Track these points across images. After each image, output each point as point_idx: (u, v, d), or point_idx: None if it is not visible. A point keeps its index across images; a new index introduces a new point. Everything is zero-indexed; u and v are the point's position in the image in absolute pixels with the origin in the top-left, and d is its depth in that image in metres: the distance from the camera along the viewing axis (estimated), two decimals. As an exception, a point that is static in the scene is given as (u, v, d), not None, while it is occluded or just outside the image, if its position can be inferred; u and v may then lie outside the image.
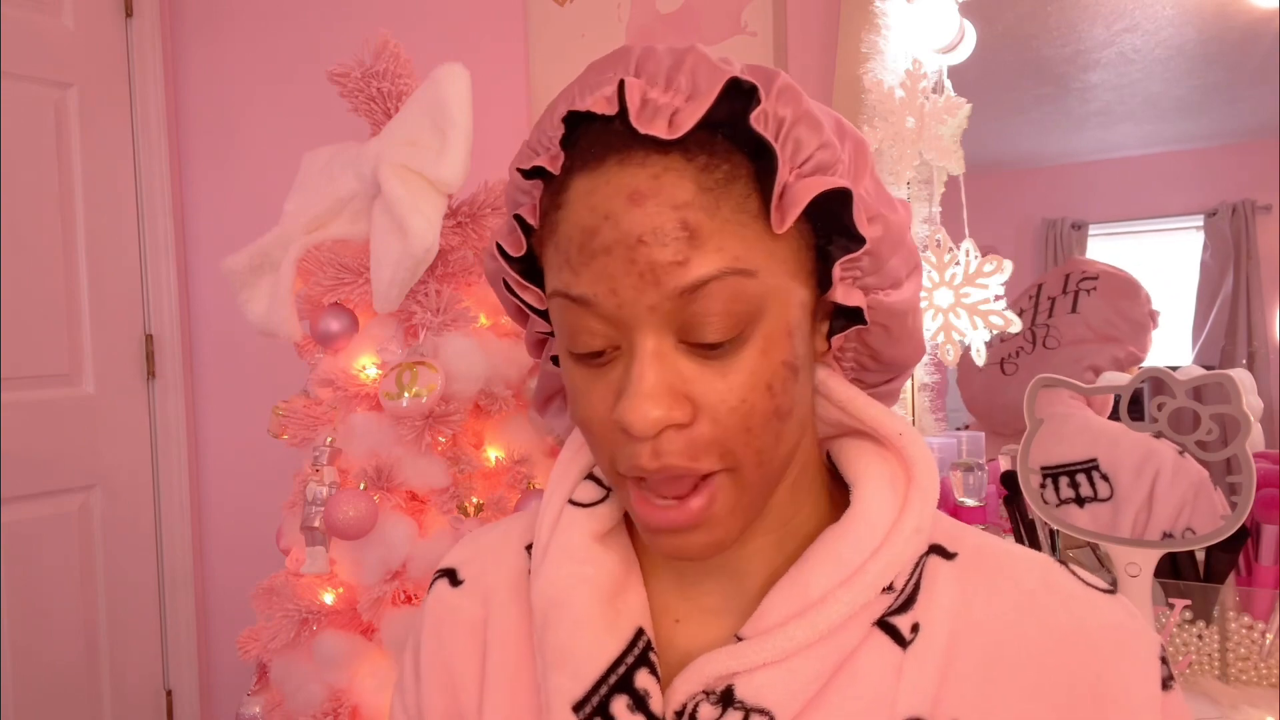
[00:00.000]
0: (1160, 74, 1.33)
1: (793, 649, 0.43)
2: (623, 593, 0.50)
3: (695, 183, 0.40)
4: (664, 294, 0.40)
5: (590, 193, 0.42)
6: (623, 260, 0.41)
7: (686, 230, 0.40)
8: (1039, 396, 1.04)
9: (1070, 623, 0.45)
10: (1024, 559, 0.48)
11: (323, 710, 1.28)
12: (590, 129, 0.43)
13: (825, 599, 0.44)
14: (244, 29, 2.00)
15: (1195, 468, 1.03)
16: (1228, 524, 0.95)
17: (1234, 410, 0.92)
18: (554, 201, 0.44)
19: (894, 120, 1.25)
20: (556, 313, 0.45)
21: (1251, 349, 1.31)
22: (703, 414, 0.42)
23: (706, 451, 0.42)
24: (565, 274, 0.43)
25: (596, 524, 0.51)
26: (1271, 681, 1.03)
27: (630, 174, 0.41)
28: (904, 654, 0.44)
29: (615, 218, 0.41)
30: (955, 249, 1.24)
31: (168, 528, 2.06)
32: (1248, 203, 1.30)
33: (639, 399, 0.41)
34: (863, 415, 0.50)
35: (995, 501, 1.25)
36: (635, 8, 1.60)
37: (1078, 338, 1.32)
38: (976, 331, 1.23)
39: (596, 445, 0.45)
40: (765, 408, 0.42)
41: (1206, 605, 1.06)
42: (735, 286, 0.41)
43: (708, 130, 0.41)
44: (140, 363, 2.02)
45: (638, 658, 0.47)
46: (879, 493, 0.47)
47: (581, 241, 0.42)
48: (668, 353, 0.42)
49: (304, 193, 1.39)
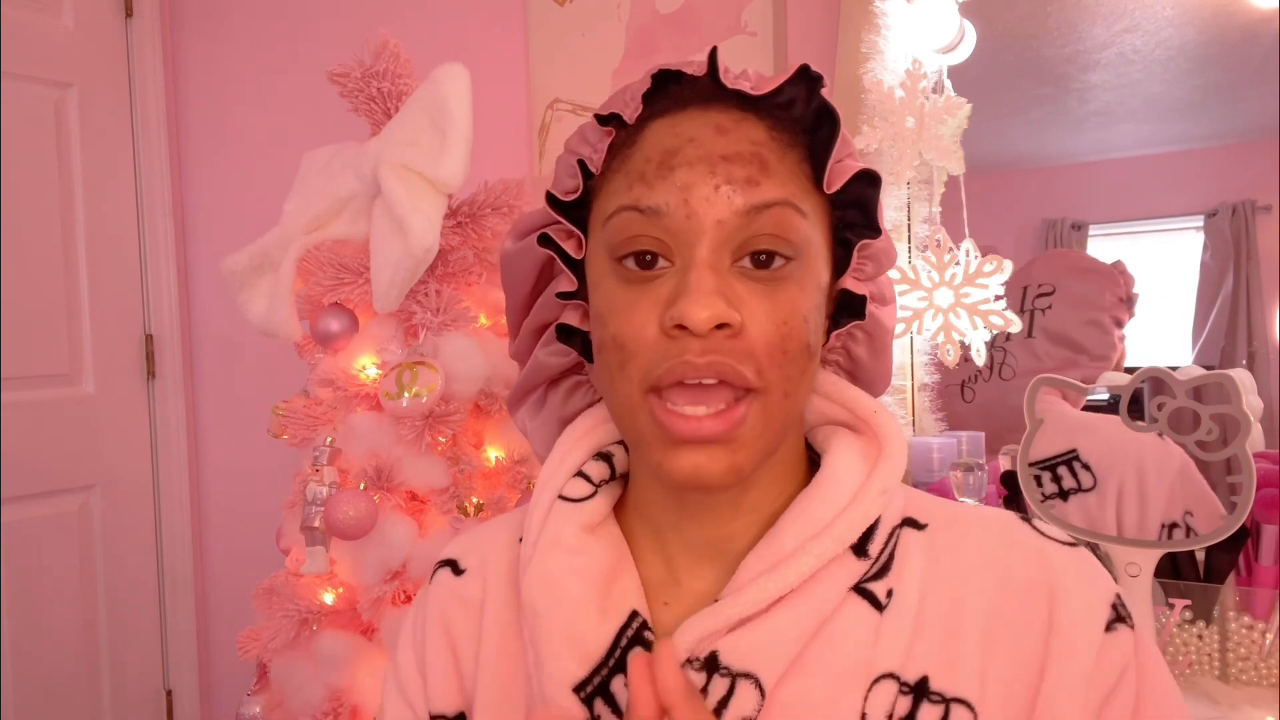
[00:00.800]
0: (1160, 74, 1.33)
1: (765, 600, 0.46)
2: (615, 579, 0.52)
3: (767, 133, 0.47)
4: (733, 209, 0.45)
5: (674, 124, 0.47)
6: (704, 172, 0.45)
7: (760, 160, 0.46)
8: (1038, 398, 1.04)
9: (1026, 573, 0.48)
10: (988, 518, 0.51)
11: (323, 710, 1.28)
12: (674, 88, 0.48)
13: (795, 553, 0.47)
14: (244, 29, 2.00)
15: (1176, 451, 1.03)
16: (1228, 524, 0.95)
17: (1234, 410, 0.92)
18: (628, 140, 0.49)
19: (894, 120, 1.25)
20: (614, 229, 0.47)
21: (1251, 349, 1.31)
22: (749, 326, 0.45)
23: (749, 359, 0.45)
24: (638, 189, 0.46)
25: (586, 517, 0.53)
26: (1271, 681, 1.03)
27: (714, 114, 0.47)
28: (880, 617, 0.47)
29: (700, 140, 0.46)
30: (955, 249, 1.24)
31: (168, 528, 2.06)
32: (1248, 203, 1.30)
33: (699, 295, 0.43)
34: (844, 396, 0.54)
35: (995, 501, 1.25)
36: (635, 8, 1.60)
37: (1031, 368, 1.34)
38: (976, 331, 1.23)
39: (628, 361, 0.46)
40: (801, 337, 0.46)
41: (1206, 605, 1.06)
42: (791, 218, 0.46)
43: (775, 106, 0.48)
44: (140, 363, 2.02)
45: (632, 638, 0.49)
46: (848, 459, 0.50)
47: (662, 159, 0.46)
48: (723, 268, 0.45)
49: (304, 193, 1.39)
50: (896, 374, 1.32)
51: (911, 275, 1.26)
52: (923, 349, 1.33)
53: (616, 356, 0.47)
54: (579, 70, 1.65)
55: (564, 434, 0.57)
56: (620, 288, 0.47)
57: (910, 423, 1.34)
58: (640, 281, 0.47)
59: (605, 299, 0.48)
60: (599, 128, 0.50)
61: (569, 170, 0.51)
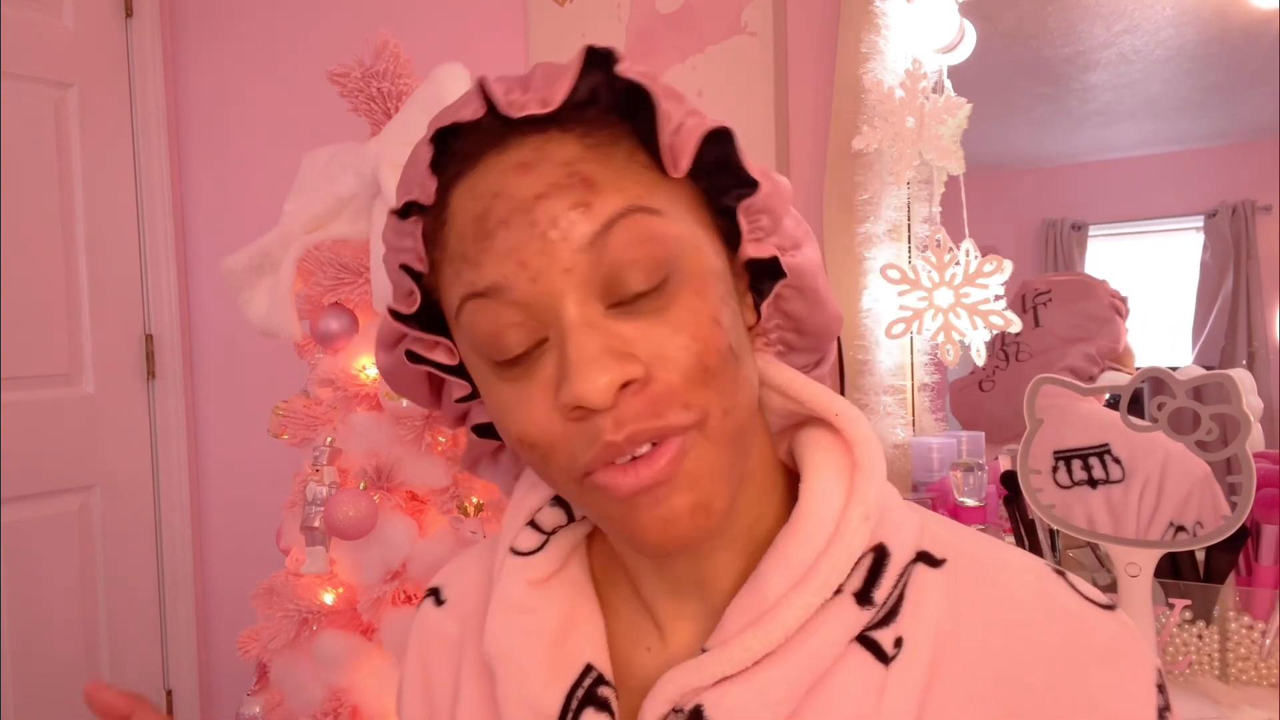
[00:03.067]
0: (1160, 74, 1.33)
1: (751, 658, 0.41)
2: (569, 634, 0.48)
3: (579, 144, 0.40)
4: (574, 249, 0.38)
5: (473, 186, 0.41)
6: (523, 226, 0.39)
7: (581, 179, 0.39)
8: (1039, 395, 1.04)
9: (1060, 643, 0.41)
10: (1018, 568, 0.44)
11: (323, 710, 1.28)
12: (458, 145, 0.42)
13: (778, 604, 0.42)
14: (244, 29, 2.00)
15: (1202, 464, 1.04)
16: (1228, 524, 0.95)
17: (1234, 410, 0.91)
18: (437, 222, 0.42)
19: (894, 120, 1.25)
20: (468, 324, 0.41)
21: (1251, 349, 1.31)
22: (656, 367, 0.39)
23: (669, 404, 0.39)
24: (466, 273, 0.40)
25: (534, 572, 0.49)
26: (1271, 681, 1.03)
27: (511, 154, 0.40)
28: (886, 671, 0.41)
29: (505, 191, 0.39)
30: (955, 249, 1.24)
31: (168, 528, 2.06)
32: (1248, 203, 1.30)
33: (584, 366, 0.38)
34: (801, 395, 0.47)
35: (995, 501, 1.25)
36: (635, 8, 1.60)
37: (1046, 346, 1.34)
38: (976, 331, 1.23)
39: (547, 457, 0.41)
40: (719, 343, 0.40)
41: (1206, 605, 1.06)
42: (644, 226, 0.39)
43: (577, 108, 0.41)
44: (140, 363, 2.02)
45: (583, 699, 0.45)
46: (824, 485, 0.44)
47: (475, 229, 0.40)
48: (598, 319, 0.39)
49: (304, 193, 1.39)
50: (896, 374, 1.32)
51: (911, 275, 1.26)
52: (923, 349, 1.33)
53: (532, 454, 0.42)
54: (579, 70, 1.66)
55: (519, 482, 0.53)
56: (505, 386, 0.41)
57: (910, 423, 1.34)
58: (522, 374, 0.41)
59: (496, 402, 0.43)
60: (404, 221, 0.43)
61: (398, 276, 0.44)
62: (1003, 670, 0.41)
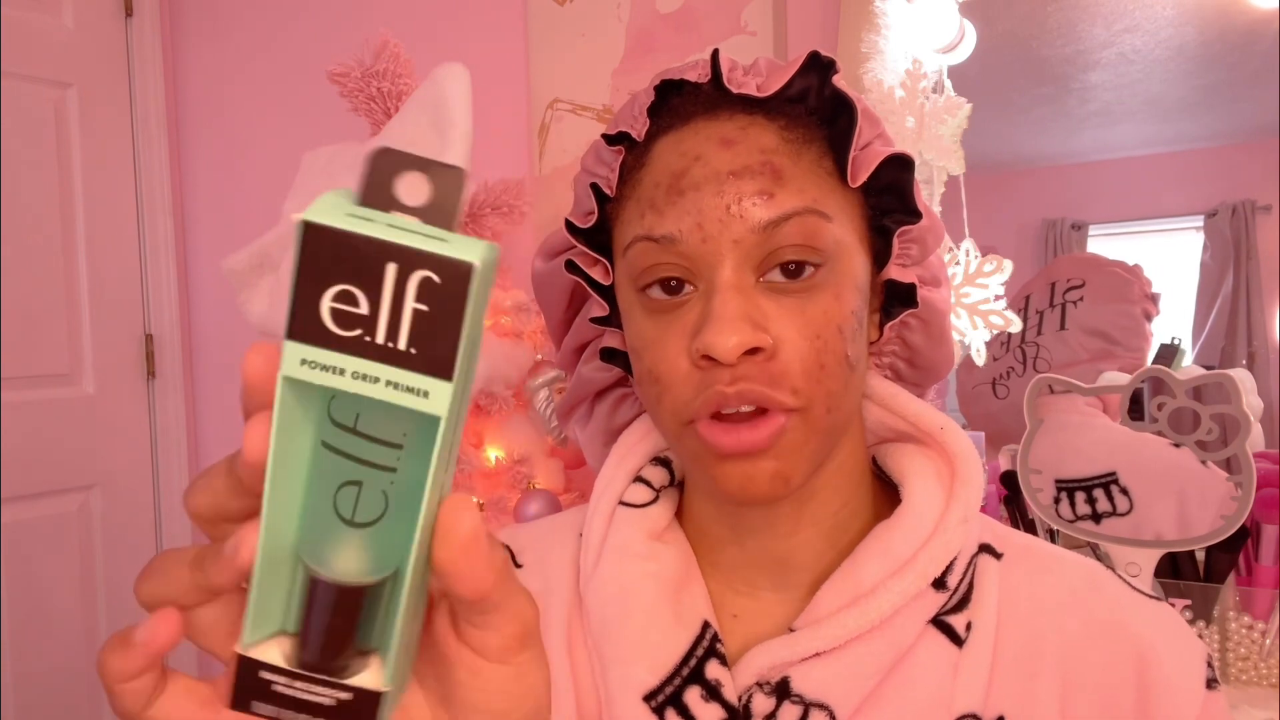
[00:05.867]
0: (1160, 74, 1.33)
1: (845, 637, 0.44)
2: (685, 587, 0.50)
3: (778, 135, 0.44)
4: (749, 227, 0.43)
5: (679, 142, 0.45)
6: (712, 194, 0.43)
7: (772, 169, 0.43)
8: (1045, 402, 1.04)
9: (1113, 619, 0.46)
10: (1071, 560, 0.49)
11: (323, 710, 1.28)
12: (678, 100, 0.46)
13: (876, 590, 0.45)
14: (244, 29, 2.00)
15: (1219, 477, 1.00)
16: (1228, 524, 0.95)
17: (1234, 410, 0.92)
18: (637, 162, 0.47)
19: (894, 120, 1.25)
20: (633, 260, 0.45)
21: (1251, 349, 1.31)
22: (781, 346, 0.43)
23: (783, 383, 0.43)
24: (650, 217, 0.45)
25: (651, 523, 0.52)
26: (1271, 681, 1.03)
27: (719, 125, 0.45)
28: (960, 653, 0.45)
29: (706, 158, 0.44)
30: (955, 249, 1.24)
31: (168, 528, 2.06)
32: (1248, 203, 1.30)
33: (723, 322, 0.41)
34: (905, 410, 0.51)
35: (995, 501, 1.25)
36: (635, 8, 1.60)
37: (1067, 360, 1.31)
38: (976, 331, 1.23)
39: (666, 394, 0.45)
40: (838, 349, 0.44)
41: (1206, 605, 1.06)
42: (813, 225, 0.43)
43: (786, 101, 0.45)
44: (140, 363, 2.02)
45: (707, 649, 0.48)
46: (926, 488, 0.48)
47: (670, 183, 0.44)
48: (748, 287, 0.43)
49: (304, 193, 1.39)
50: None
51: (911, 275, 1.26)
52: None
53: (653, 390, 0.46)
54: (579, 70, 1.65)
55: (619, 440, 0.56)
56: (648, 319, 0.46)
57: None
58: (667, 310, 0.45)
59: (636, 332, 0.47)
60: (608, 148, 0.48)
61: (585, 194, 0.49)
62: (1058, 644, 0.45)
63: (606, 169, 0.48)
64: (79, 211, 1.90)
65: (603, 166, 0.48)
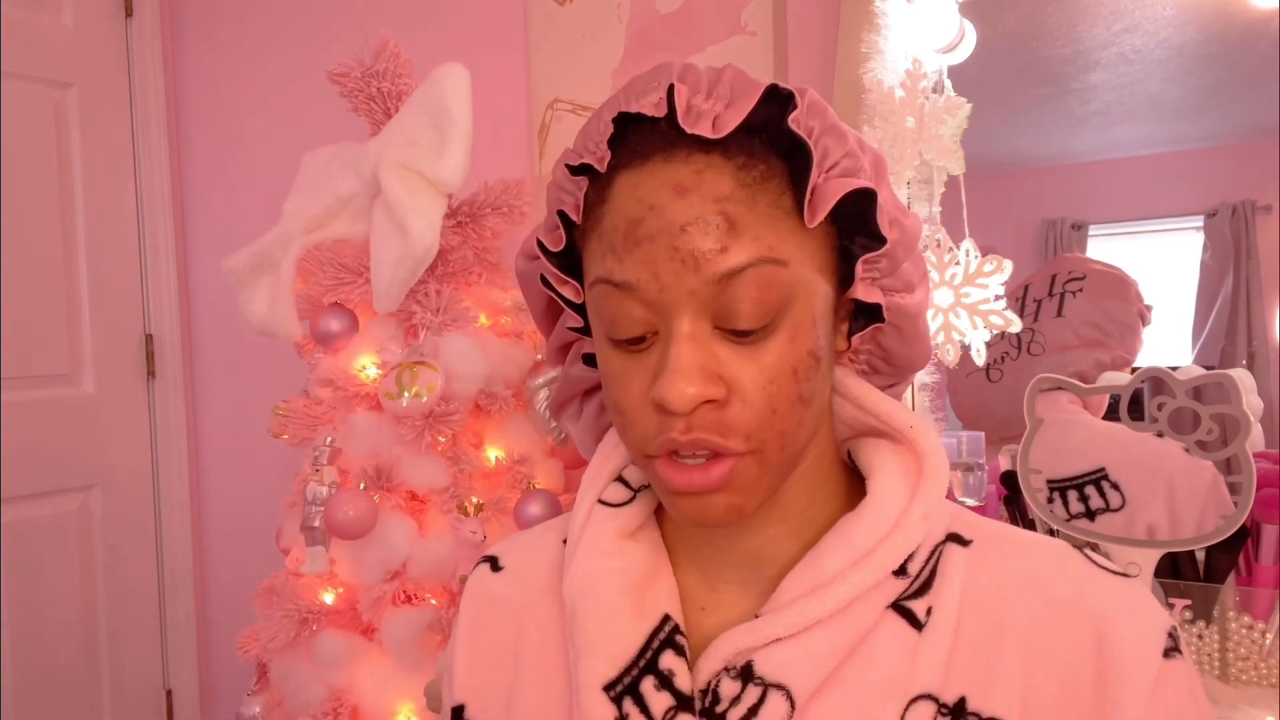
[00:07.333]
0: (1160, 74, 1.33)
1: (804, 623, 0.46)
2: (651, 583, 0.53)
3: (734, 179, 0.44)
4: (703, 279, 0.43)
5: (636, 186, 0.45)
6: (666, 247, 0.44)
7: (726, 220, 0.43)
8: (1038, 400, 1.04)
9: (1074, 596, 0.46)
10: (1040, 544, 0.50)
11: (323, 710, 1.28)
12: (637, 131, 0.46)
13: (835, 579, 0.47)
14: (244, 29, 2.00)
15: (1206, 466, 1.01)
16: (1228, 524, 0.95)
17: (1234, 410, 0.91)
18: (599, 196, 0.47)
19: (894, 120, 1.25)
20: (597, 300, 0.47)
21: (1251, 349, 1.31)
22: (734, 395, 0.44)
23: (734, 431, 0.44)
24: (609, 261, 0.46)
25: (623, 523, 0.54)
26: (1271, 681, 1.03)
27: (675, 169, 0.44)
28: (919, 636, 0.47)
29: (660, 208, 0.44)
30: (955, 249, 1.24)
31: (168, 527, 2.06)
32: (1248, 203, 1.30)
33: (676, 375, 0.43)
34: (878, 409, 0.53)
35: (995, 501, 1.25)
36: (635, 8, 1.60)
37: (1062, 344, 1.31)
38: (976, 331, 1.23)
39: (629, 427, 0.47)
40: (791, 392, 0.45)
41: (1206, 605, 1.06)
42: (769, 275, 0.44)
43: (746, 134, 0.45)
44: (140, 362, 2.02)
45: (663, 641, 0.50)
46: (891, 483, 0.49)
47: (627, 230, 0.45)
48: (703, 336, 0.45)
49: (304, 193, 1.39)
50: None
51: (911, 275, 1.26)
52: (923, 349, 1.33)
53: (619, 420, 0.48)
54: (579, 70, 1.65)
55: (604, 439, 0.58)
56: (614, 353, 0.48)
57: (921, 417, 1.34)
58: (632, 351, 0.47)
59: (603, 361, 0.49)
60: (573, 177, 0.48)
61: (552, 223, 0.50)
62: (1020, 623, 0.46)
63: (572, 199, 0.49)
64: (79, 211, 1.90)
65: (567, 195, 0.49)
